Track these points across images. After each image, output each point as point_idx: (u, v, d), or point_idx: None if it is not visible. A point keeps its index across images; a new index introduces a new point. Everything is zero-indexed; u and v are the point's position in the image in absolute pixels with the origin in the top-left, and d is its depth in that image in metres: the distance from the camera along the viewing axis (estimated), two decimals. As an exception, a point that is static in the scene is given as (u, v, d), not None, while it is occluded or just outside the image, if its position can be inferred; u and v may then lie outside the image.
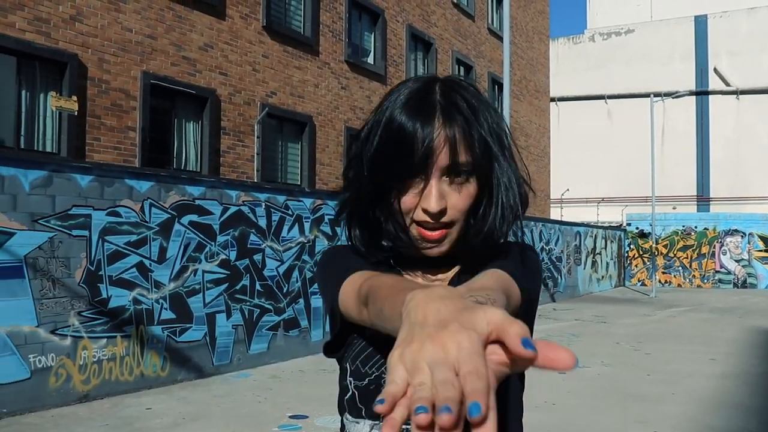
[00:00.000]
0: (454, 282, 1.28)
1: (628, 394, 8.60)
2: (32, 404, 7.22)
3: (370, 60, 19.10)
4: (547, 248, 21.87)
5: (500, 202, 1.26)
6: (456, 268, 1.32)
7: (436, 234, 1.22)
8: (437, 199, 1.19)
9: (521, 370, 0.69)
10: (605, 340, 13.37)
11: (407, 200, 1.21)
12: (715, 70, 40.32)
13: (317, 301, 11.23)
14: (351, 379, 1.28)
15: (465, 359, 0.63)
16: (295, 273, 10.88)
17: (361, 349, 1.28)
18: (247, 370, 9.76)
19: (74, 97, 10.77)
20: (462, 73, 24.62)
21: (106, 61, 11.76)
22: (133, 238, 8.34)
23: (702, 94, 40.62)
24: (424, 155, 1.17)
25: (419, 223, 1.22)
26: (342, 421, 1.32)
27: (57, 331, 7.47)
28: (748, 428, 6.99)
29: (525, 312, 1.19)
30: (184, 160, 13.29)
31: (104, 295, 7.98)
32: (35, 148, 10.69)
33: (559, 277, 23.05)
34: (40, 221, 7.35)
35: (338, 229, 11.69)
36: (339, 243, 1.83)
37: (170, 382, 8.72)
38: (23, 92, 10.67)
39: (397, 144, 1.19)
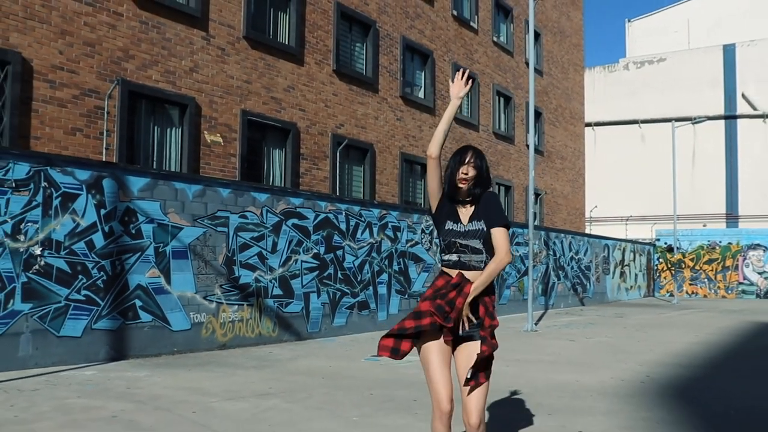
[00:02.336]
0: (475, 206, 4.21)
1: (619, 350, 11.54)
2: (191, 347, 10.43)
3: (421, 95, 22.28)
4: (576, 258, 24.75)
5: (483, 180, 4.21)
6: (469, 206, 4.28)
7: (464, 182, 4.15)
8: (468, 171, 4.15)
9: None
10: (616, 327, 16.24)
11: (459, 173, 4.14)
12: (743, 95, 42.75)
13: (382, 289, 14.37)
14: (441, 237, 4.24)
15: None
16: (366, 266, 14.01)
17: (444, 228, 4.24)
18: (332, 337, 12.89)
19: (219, 135, 14.12)
20: (502, 103, 27.72)
21: (214, 102, 15.04)
22: (255, 234, 11.58)
23: (730, 118, 43.06)
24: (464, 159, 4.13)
25: (459, 180, 4.15)
26: (442, 257, 4.26)
27: (207, 297, 10.71)
28: (694, 364, 9.89)
29: (505, 225, 4.11)
30: (272, 180, 16.52)
31: (236, 274, 11.21)
32: (164, 169, 13.99)
33: (588, 284, 25.88)
34: (197, 220, 10.62)
35: (399, 234, 14.85)
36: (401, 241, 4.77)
37: (278, 341, 11.88)
38: (156, 127, 13.98)
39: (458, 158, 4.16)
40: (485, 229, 3.90)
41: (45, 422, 5.75)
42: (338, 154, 18.04)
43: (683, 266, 34.50)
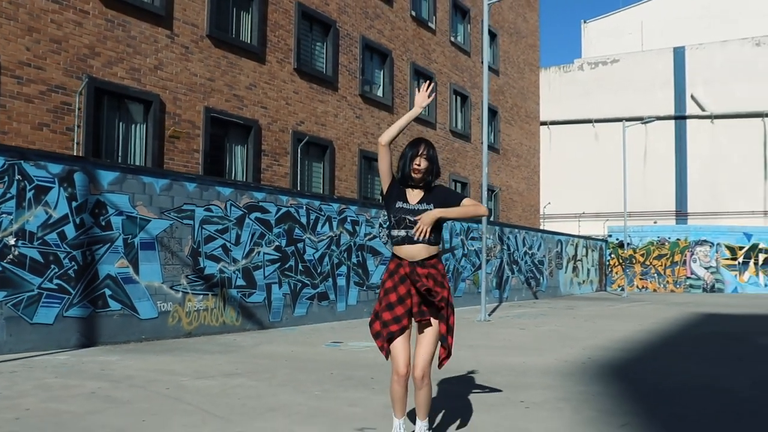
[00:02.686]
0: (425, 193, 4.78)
1: (566, 337, 12.21)
2: (158, 335, 10.86)
3: (380, 93, 22.85)
4: (530, 252, 25.52)
5: (434, 170, 4.75)
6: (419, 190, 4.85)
7: (417, 172, 4.69)
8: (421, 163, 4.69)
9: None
10: (566, 317, 16.95)
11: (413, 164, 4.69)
12: (692, 96, 44.06)
13: (342, 281, 14.90)
14: (391, 214, 4.78)
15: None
16: (326, 259, 14.52)
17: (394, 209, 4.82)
18: (293, 326, 13.39)
19: (182, 130, 14.60)
20: (459, 102, 28.39)
21: (179, 99, 15.42)
22: (220, 227, 12.03)
23: (680, 118, 44.36)
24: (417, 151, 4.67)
25: (413, 170, 4.69)
26: (391, 234, 4.84)
27: (173, 287, 11.15)
28: (634, 348, 10.57)
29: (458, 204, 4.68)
30: (234, 175, 16.94)
31: (201, 265, 11.66)
32: (129, 163, 14.34)
33: (541, 278, 26.68)
34: (164, 213, 11.05)
35: (357, 227, 15.38)
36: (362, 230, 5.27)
37: (242, 330, 12.35)
38: (121, 123, 14.33)
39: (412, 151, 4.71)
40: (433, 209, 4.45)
41: (29, 398, 6.18)
42: (299, 150, 18.51)
43: (634, 261, 35.57)
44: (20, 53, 12.42)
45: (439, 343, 4.48)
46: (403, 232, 4.43)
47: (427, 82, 4.75)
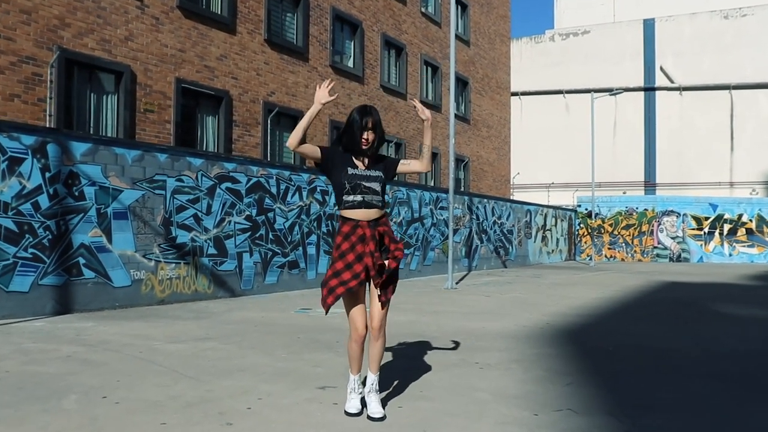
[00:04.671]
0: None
1: (528, 303, 12.66)
2: (132, 302, 11.15)
3: (350, 64, 23.04)
4: (499, 222, 25.99)
5: (380, 140, 5.04)
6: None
7: (365, 144, 4.99)
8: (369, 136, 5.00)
9: None
10: (531, 285, 17.43)
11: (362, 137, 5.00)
12: (661, 68, 44.62)
13: (312, 249, 15.24)
14: (344, 181, 5.07)
15: None
16: (296, 228, 14.84)
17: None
18: (264, 294, 13.72)
19: (154, 102, 14.72)
20: (429, 72, 28.64)
21: (149, 70, 15.57)
22: (191, 197, 12.29)
23: (649, 90, 44.93)
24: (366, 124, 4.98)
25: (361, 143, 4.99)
26: (343, 199, 5.09)
27: (146, 256, 11.42)
28: (591, 314, 11.03)
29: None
30: (205, 146, 17.14)
31: (173, 234, 11.94)
32: (101, 134, 14.50)
33: (510, 247, 27.19)
34: (137, 183, 11.29)
35: (327, 197, 15.70)
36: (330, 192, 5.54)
37: (214, 298, 12.66)
38: (92, 94, 14.47)
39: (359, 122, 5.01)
40: (383, 176, 4.80)
41: (8, 361, 6.47)
42: (269, 121, 18.72)
43: (602, 231, 36.22)
44: (-9, 24, 12.52)
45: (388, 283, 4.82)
46: (359, 197, 4.72)
47: (329, 80, 4.98)
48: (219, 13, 17.50)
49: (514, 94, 43.71)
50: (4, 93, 12.65)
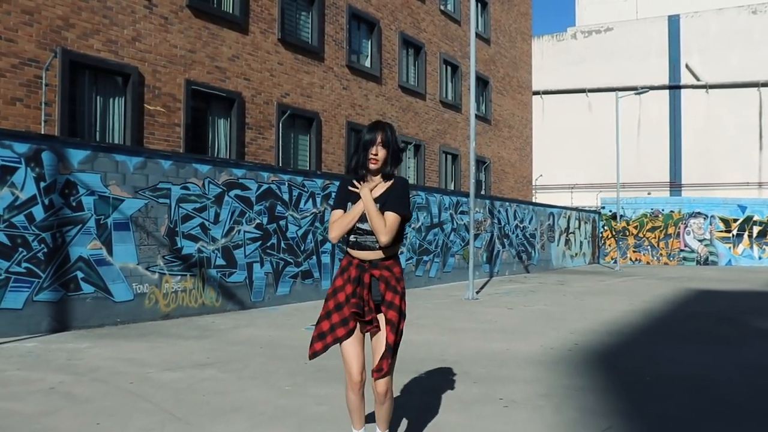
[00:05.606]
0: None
1: (553, 318, 11.93)
2: (134, 317, 10.55)
3: (368, 63, 22.38)
4: (521, 226, 25.23)
5: (393, 158, 4.38)
6: (379, 177, 4.43)
7: (374, 162, 4.31)
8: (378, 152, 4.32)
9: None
10: (555, 295, 16.69)
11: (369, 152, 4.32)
12: (687, 66, 43.55)
13: (326, 258, 14.59)
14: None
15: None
16: (310, 236, 14.20)
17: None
18: (275, 306, 13.09)
19: (160, 106, 14.17)
20: (449, 72, 27.93)
21: (158, 71, 14.99)
22: (198, 205, 11.68)
23: (674, 88, 43.88)
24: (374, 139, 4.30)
25: (369, 160, 4.32)
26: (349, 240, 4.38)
27: (149, 268, 10.82)
28: (623, 332, 10.31)
29: (399, 213, 4.30)
30: (217, 150, 16.54)
31: (179, 245, 11.33)
32: (107, 140, 13.94)
33: (533, 251, 26.42)
34: (139, 192, 10.69)
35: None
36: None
37: (222, 311, 12.05)
38: (98, 97, 13.91)
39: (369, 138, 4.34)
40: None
41: (-18, 395, 5.88)
42: (281, 123, 18.10)
43: (627, 234, 35.33)
44: (-10, 25, 11.97)
45: (382, 354, 4.01)
46: (352, 237, 4.07)
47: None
48: (230, 12, 16.89)
49: (536, 93, 42.88)
50: (6, 97, 12.09)
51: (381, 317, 4.04)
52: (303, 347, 8.50)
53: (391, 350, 3.99)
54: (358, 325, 4.07)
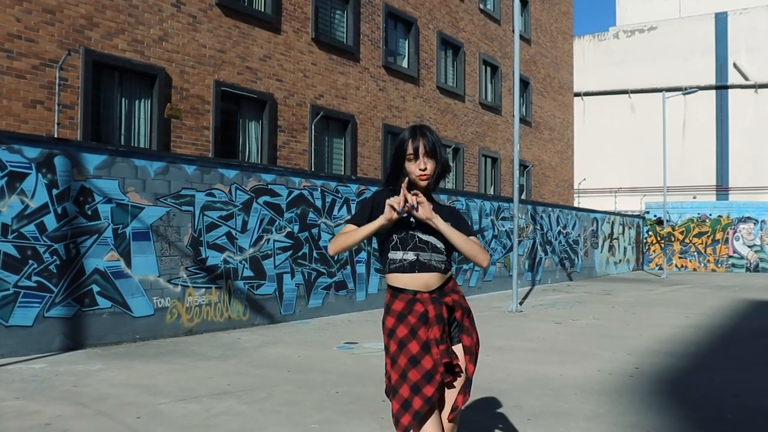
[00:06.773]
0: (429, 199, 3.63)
1: (605, 335, 11.02)
2: (154, 333, 9.86)
3: (405, 64, 21.58)
4: (564, 232, 24.23)
5: (440, 170, 3.60)
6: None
7: (425, 178, 3.56)
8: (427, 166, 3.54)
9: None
10: (604, 306, 15.73)
11: (414, 166, 3.55)
12: (735, 65, 42.12)
13: (361, 268, 13.80)
14: (395, 235, 3.60)
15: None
16: (344, 245, 13.41)
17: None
18: (307, 319, 12.33)
19: (177, 107, 13.49)
20: (489, 72, 27.02)
21: (186, 72, 14.33)
22: (224, 213, 10.96)
23: (722, 88, 42.47)
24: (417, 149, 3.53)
25: (419, 178, 3.55)
26: (388, 258, 3.60)
27: (171, 281, 10.11)
28: (687, 352, 9.38)
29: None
30: (247, 154, 15.86)
31: (203, 256, 10.61)
32: (132, 144, 13.31)
33: (576, 258, 25.39)
34: (160, 199, 9.99)
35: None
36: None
37: (249, 325, 11.32)
38: (123, 99, 13.29)
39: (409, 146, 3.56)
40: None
41: (-32, 433, 5.18)
42: (313, 126, 17.36)
43: (673, 239, 34.07)
44: (10, 24, 11.36)
45: (460, 389, 3.24)
46: (411, 255, 3.27)
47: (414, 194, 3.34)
48: (262, 10, 16.19)
49: (577, 94, 41.73)
50: (26, 99, 11.49)
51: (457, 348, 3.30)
52: (334, 371, 7.73)
53: (471, 383, 3.26)
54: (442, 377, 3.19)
